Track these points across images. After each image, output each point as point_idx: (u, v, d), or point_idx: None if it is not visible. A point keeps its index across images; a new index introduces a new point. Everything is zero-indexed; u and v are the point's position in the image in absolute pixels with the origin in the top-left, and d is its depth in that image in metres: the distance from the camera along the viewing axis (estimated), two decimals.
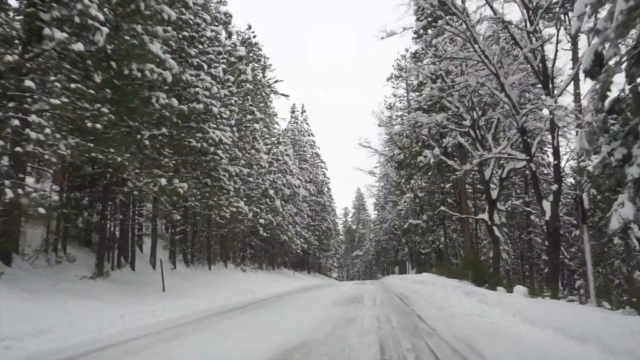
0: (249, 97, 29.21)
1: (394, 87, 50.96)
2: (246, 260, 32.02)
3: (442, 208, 26.81)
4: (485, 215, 23.32)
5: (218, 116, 20.39)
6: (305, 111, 59.46)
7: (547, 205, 16.91)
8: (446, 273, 24.54)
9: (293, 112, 55.15)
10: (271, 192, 33.00)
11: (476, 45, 17.10)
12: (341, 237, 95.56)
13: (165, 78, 13.85)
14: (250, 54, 45.08)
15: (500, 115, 23.61)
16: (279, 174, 38.52)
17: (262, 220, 26.72)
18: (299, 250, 38.91)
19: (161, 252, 20.83)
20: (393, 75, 50.57)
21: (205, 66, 19.20)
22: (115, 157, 11.33)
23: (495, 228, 23.06)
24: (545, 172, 34.88)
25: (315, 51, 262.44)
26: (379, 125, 50.85)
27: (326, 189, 60.87)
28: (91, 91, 10.44)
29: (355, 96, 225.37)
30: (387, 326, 7.96)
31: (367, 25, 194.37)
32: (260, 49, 49.24)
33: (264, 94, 41.82)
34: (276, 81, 58.11)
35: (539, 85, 17.44)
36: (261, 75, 49.72)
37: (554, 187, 16.65)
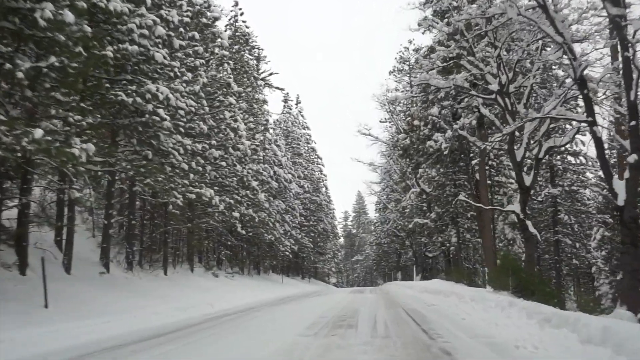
0: (226, 68, 24.28)
1: (396, 82, 46.90)
2: (224, 264, 27.00)
3: (462, 197, 21.77)
4: (515, 207, 18.30)
5: (171, 74, 15.51)
6: (300, 102, 54.58)
7: (619, 185, 11.96)
8: (465, 280, 19.56)
9: (286, 101, 50.11)
10: (254, 183, 28.03)
11: None
12: (340, 240, 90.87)
13: None
14: (236, 33, 40.44)
15: (534, 81, 18.71)
16: (266, 165, 33.57)
17: (236, 214, 21.73)
18: (287, 253, 33.81)
19: (96, 251, 15.84)
20: (395, 69, 46.24)
21: (149, 2, 14.29)
22: None
23: (529, 223, 18.09)
24: (574, 161, 29.92)
25: (297, 26, 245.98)
26: (381, 122, 46.03)
27: (323, 187, 55.80)
28: None
29: (342, 72, 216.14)
30: None
31: None
32: (252, 37, 45.43)
33: (252, 79, 37.09)
34: (271, 74, 53.55)
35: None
36: (255, 64, 46.24)
37: (632, 158, 11.66)
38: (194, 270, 21.77)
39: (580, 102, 17.33)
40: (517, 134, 17.78)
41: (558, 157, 29.13)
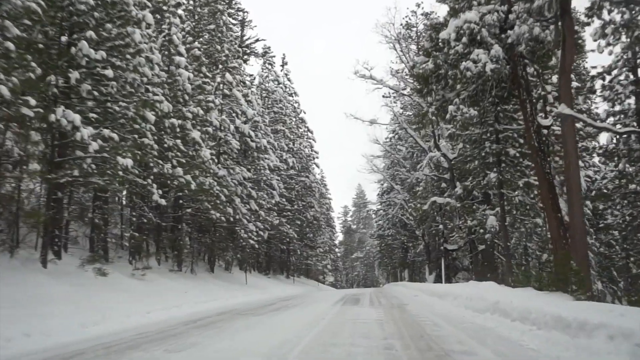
0: None
1: (402, 53, 38.24)
2: (143, 254, 17.20)
3: (545, 121, 11.82)
4: None
5: None
6: (286, 63, 44.84)
7: None
8: (579, 289, 9.63)
9: (265, 54, 40.09)
10: (195, 134, 18.27)
11: None
12: (339, 235, 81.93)
13: None
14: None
15: None
16: (224, 117, 23.72)
17: (125, 162, 11.84)
18: (253, 241, 23.89)
19: None
20: (401, 36, 37.83)
21: None
22: None
23: None
24: None
25: None
26: (384, 96, 36.37)
27: (314, 166, 45.92)
28: None
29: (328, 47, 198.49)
30: None
31: None
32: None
33: (218, 13, 27.43)
34: (257, 40, 44.45)
35: None
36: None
37: None
38: (54, 264, 11.98)
39: None
40: None
41: None
